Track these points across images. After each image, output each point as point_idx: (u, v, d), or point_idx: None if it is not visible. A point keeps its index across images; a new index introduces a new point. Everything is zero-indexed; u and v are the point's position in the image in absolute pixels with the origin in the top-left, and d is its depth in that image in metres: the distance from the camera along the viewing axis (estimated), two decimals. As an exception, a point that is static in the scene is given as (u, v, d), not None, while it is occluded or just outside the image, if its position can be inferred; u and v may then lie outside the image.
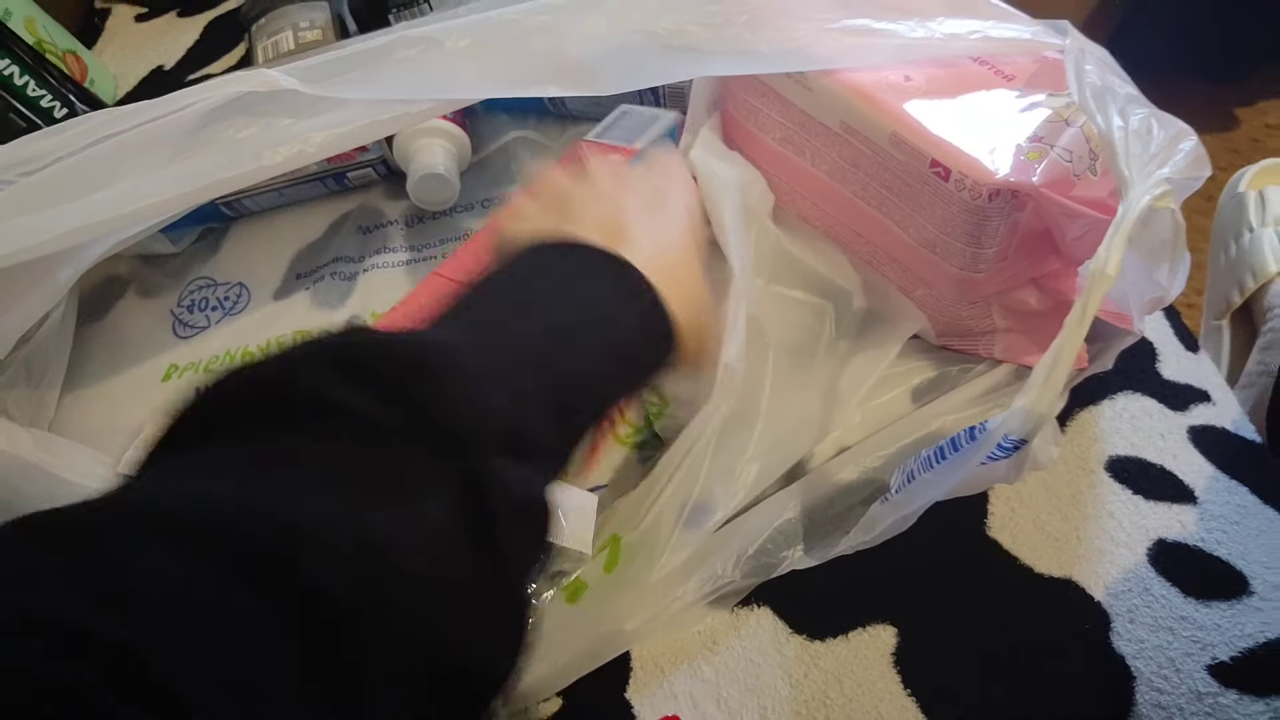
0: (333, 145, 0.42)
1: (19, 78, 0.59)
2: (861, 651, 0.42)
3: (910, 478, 0.39)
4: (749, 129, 0.51)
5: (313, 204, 0.62)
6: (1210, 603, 0.42)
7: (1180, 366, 0.50)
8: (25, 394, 0.51)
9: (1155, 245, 0.36)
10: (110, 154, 0.40)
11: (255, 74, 0.40)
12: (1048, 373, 0.33)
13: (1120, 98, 0.37)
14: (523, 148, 0.62)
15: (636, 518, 0.43)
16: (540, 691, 0.42)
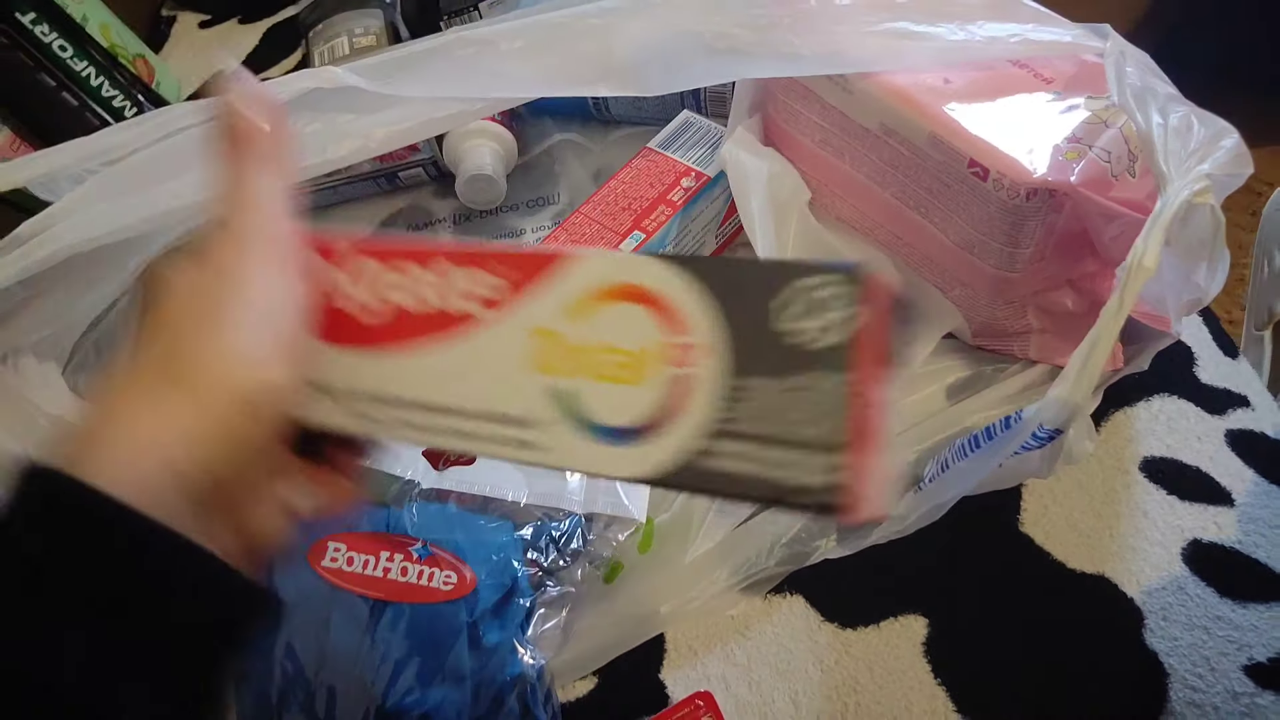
0: (393, 141, 0.44)
1: (95, 79, 0.62)
2: (893, 640, 0.43)
3: (944, 466, 0.39)
4: (789, 132, 0.52)
5: (365, 202, 0.64)
6: (1247, 604, 0.42)
7: (1218, 371, 0.50)
8: (94, 376, 0.53)
9: (1194, 243, 0.36)
10: (183, 146, 0.42)
11: (321, 71, 0.43)
12: (1083, 362, 0.33)
13: (1160, 97, 0.38)
14: (567, 150, 0.64)
15: (669, 499, 0.44)
16: (576, 670, 0.43)
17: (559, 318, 0.21)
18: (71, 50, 0.60)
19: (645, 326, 0.20)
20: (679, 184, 0.51)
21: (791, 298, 0.19)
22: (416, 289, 0.22)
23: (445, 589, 0.42)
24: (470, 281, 0.22)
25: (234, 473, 0.23)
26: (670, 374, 0.20)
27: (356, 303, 0.24)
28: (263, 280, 0.24)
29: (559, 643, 0.42)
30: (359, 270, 0.23)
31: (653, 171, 0.52)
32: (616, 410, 0.20)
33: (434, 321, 0.22)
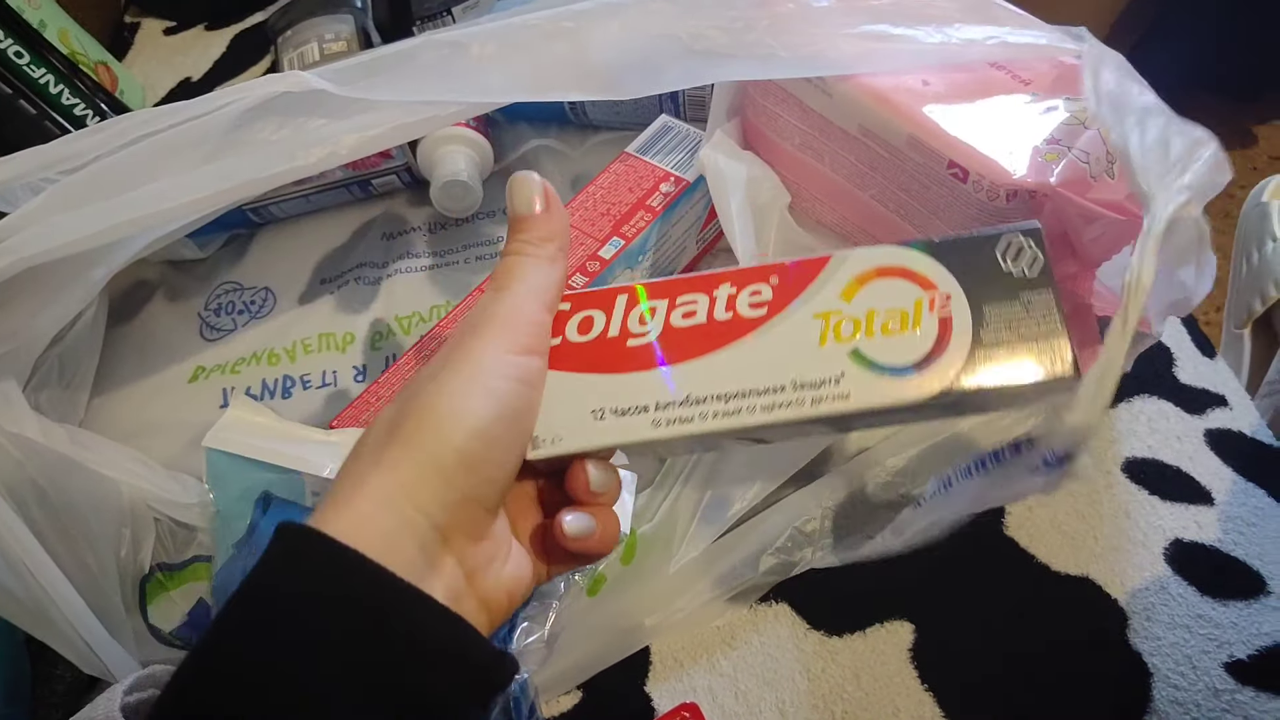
0: (363, 147, 0.43)
1: (54, 86, 0.60)
2: (879, 647, 0.42)
3: (946, 484, 0.39)
4: (768, 135, 0.52)
5: (338, 211, 0.63)
6: (1228, 602, 0.42)
7: (1197, 371, 0.50)
8: (57, 394, 0.52)
9: (1178, 250, 0.36)
10: (147, 153, 0.41)
11: (288, 76, 0.41)
12: (1095, 385, 0.33)
13: (1137, 108, 0.37)
14: (544, 156, 0.63)
15: (651, 510, 0.44)
16: (561, 685, 0.42)
17: (834, 301, 0.27)
18: (28, 57, 0.58)
19: (906, 290, 0.27)
20: (658, 189, 0.50)
21: (1005, 248, 0.28)
22: (708, 309, 0.27)
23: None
24: (753, 294, 0.27)
25: (459, 520, 0.25)
26: (934, 318, 0.27)
27: (654, 332, 0.28)
28: (488, 357, 0.26)
29: (543, 656, 0.42)
30: (652, 309, 0.27)
31: (631, 177, 0.51)
32: (902, 353, 0.27)
33: (733, 328, 0.27)
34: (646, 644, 0.43)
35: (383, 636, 0.22)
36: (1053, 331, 0.28)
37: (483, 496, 0.25)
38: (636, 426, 0.27)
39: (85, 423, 0.54)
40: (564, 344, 0.28)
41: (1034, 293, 0.28)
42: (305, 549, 0.23)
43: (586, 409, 0.27)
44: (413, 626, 0.23)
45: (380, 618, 0.22)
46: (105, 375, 0.56)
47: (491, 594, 0.26)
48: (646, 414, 0.27)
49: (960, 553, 0.44)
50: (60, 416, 0.51)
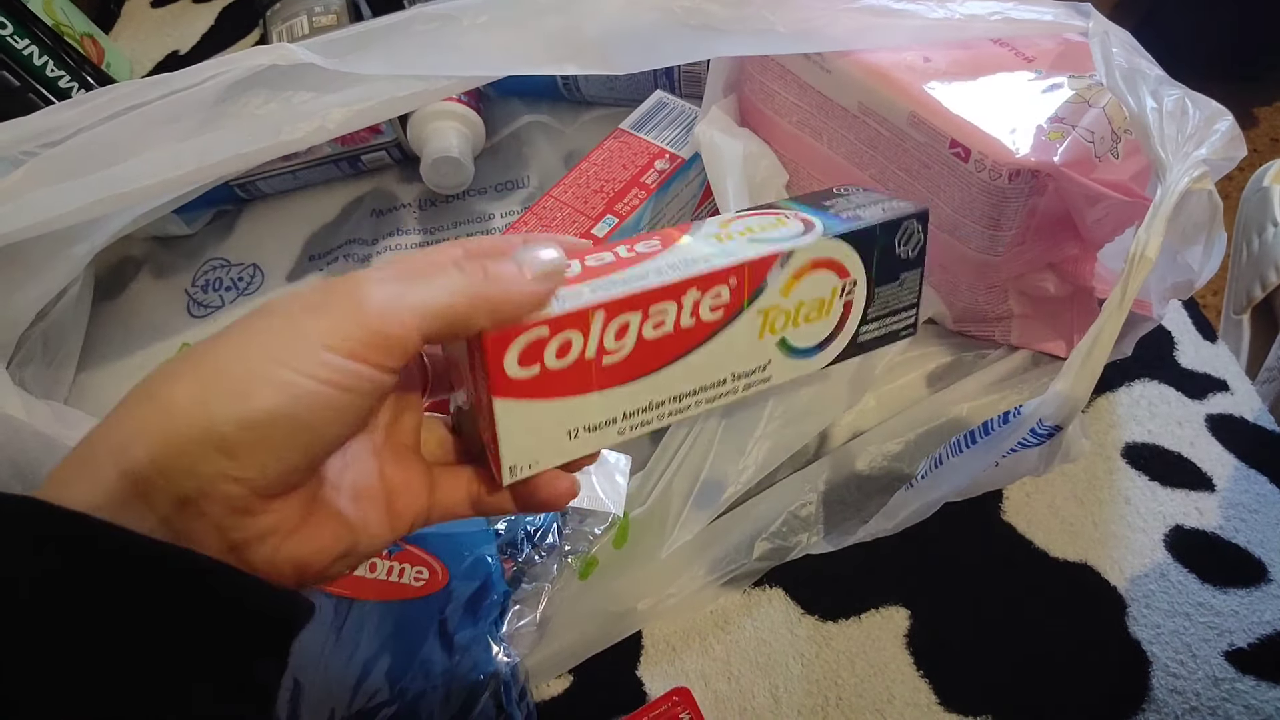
0: (352, 122, 0.42)
1: (38, 58, 0.59)
2: (874, 633, 0.42)
3: (938, 462, 0.38)
4: (766, 113, 0.51)
5: (327, 187, 0.62)
6: (1228, 589, 0.42)
7: (1198, 355, 0.50)
8: (41, 370, 0.51)
9: (1189, 227, 0.36)
10: (132, 127, 0.40)
11: (275, 48, 0.40)
12: (1084, 356, 0.32)
13: (1151, 79, 0.37)
14: (536, 132, 0.62)
15: (643, 493, 0.43)
16: (552, 669, 0.42)
17: (776, 297, 0.28)
18: (12, 28, 0.57)
19: (828, 280, 0.29)
20: (653, 166, 0.49)
21: (905, 234, 0.30)
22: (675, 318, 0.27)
23: (416, 585, 0.41)
24: (714, 297, 0.27)
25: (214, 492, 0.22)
26: (840, 303, 0.30)
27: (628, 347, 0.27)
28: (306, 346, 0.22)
29: (534, 640, 0.41)
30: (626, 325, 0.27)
31: (625, 153, 0.50)
32: (813, 336, 0.30)
33: (694, 333, 0.28)
34: (638, 628, 0.42)
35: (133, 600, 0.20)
36: (911, 302, 0.31)
37: (251, 480, 0.22)
38: (604, 438, 0.28)
39: (70, 400, 0.53)
40: (541, 373, 0.26)
41: (910, 271, 0.31)
42: (25, 523, 0.20)
43: (561, 431, 0.27)
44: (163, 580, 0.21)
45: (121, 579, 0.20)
46: (91, 352, 0.55)
47: (264, 568, 0.23)
48: (614, 425, 0.28)
49: (957, 538, 0.44)
50: (45, 393, 0.50)
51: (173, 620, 0.21)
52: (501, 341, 0.25)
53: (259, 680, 0.23)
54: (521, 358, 0.26)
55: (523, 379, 0.26)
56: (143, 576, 0.21)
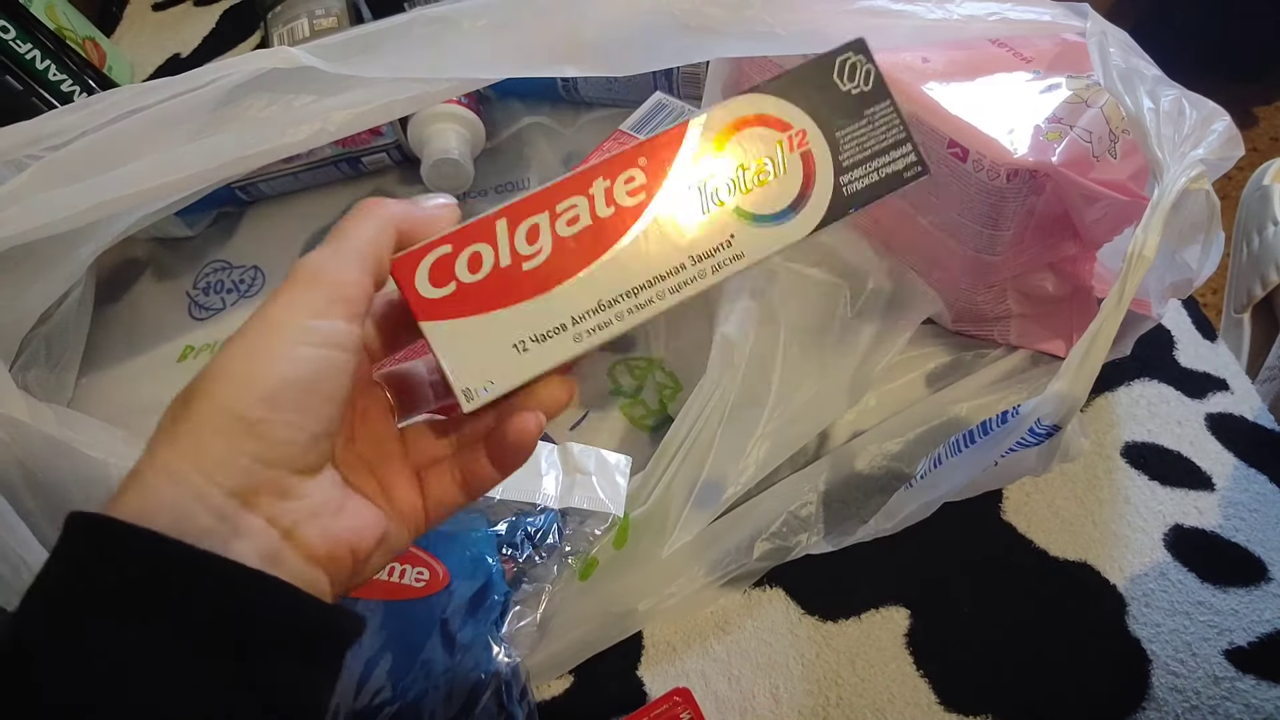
0: (352, 124, 0.42)
1: (40, 62, 0.59)
2: (874, 632, 0.42)
3: (936, 462, 0.38)
4: (765, 113, 0.51)
5: (328, 188, 0.62)
6: (1228, 588, 0.42)
7: (1198, 355, 0.50)
8: (45, 373, 0.51)
9: (1186, 227, 0.36)
10: (134, 129, 0.40)
11: (277, 51, 0.41)
12: (1082, 356, 0.32)
13: (1148, 79, 0.37)
14: (537, 134, 0.62)
15: (644, 494, 0.43)
16: (553, 669, 0.42)
17: (705, 166, 0.28)
18: (14, 32, 0.57)
19: (766, 136, 0.28)
20: (652, 168, 0.50)
21: (841, 69, 0.29)
22: (589, 209, 0.27)
23: (417, 585, 0.41)
24: (626, 181, 0.27)
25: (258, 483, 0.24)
26: (795, 157, 0.28)
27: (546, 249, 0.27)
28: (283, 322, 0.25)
29: (535, 640, 0.41)
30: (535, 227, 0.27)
31: (625, 155, 0.50)
32: (777, 199, 0.28)
33: (620, 221, 0.27)
34: (639, 629, 0.43)
35: (185, 610, 0.22)
36: (899, 139, 0.29)
37: (281, 458, 0.24)
38: (560, 347, 0.27)
39: (73, 403, 0.53)
40: (459, 289, 0.27)
41: (875, 106, 0.29)
42: (89, 539, 0.22)
43: (506, 345, 0.27)
44: (216, 593, 0.22)
45: (178, 591, 0.22)
46: (93, 355, 0.55)
47: (320, 549, 0.25)
48: (565, 332, 0.27)
49: (957, 537, 0.44)
50: (48, 396, 0.51)
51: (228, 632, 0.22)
52: (407, 265, 0.27)
53: (312, 692, 0.24)
54: (432, 277, 0.27)
55: (441, 298, 0.27)
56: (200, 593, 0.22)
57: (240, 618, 0.23)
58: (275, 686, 0.23)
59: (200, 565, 0.22)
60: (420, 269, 0.27)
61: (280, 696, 0.23)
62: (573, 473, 0.44)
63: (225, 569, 0.23)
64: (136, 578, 0.22)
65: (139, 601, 0.22)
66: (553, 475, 0.43)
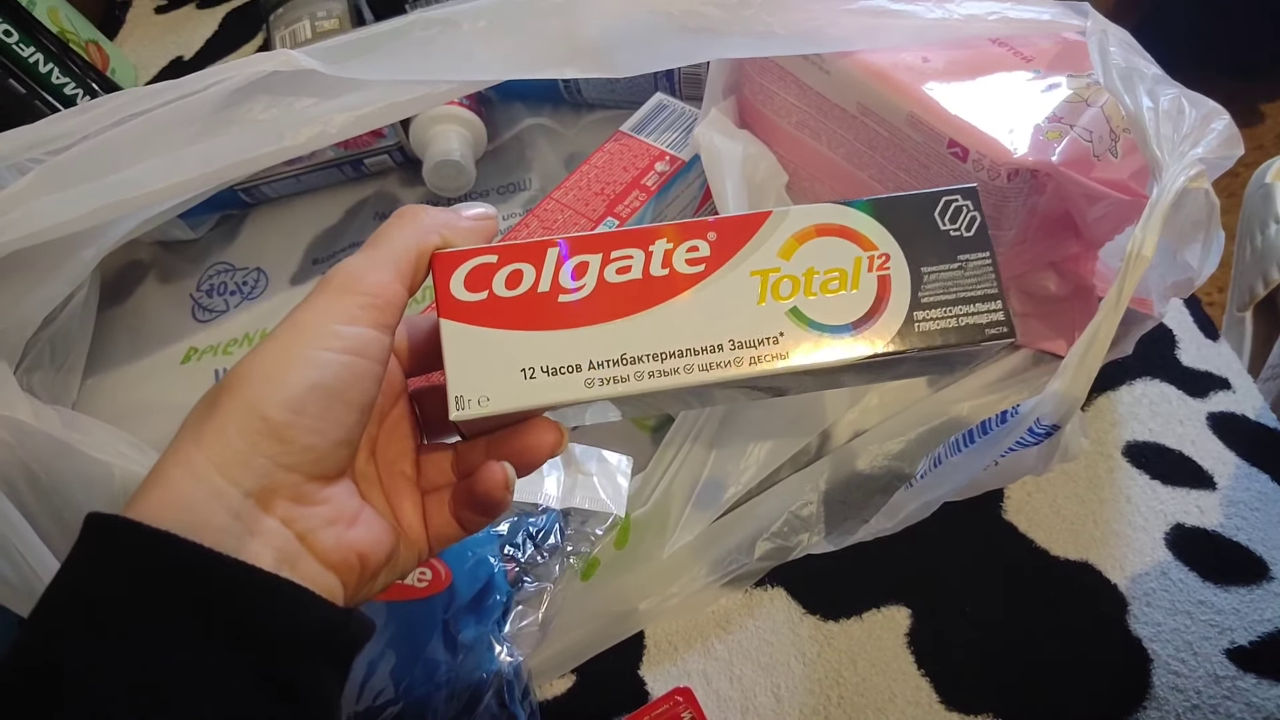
0: (353, 127, 0.42)
1: (44, 65, 0.59)
2: (875, 632, 0.42)
3: (936, 462, 0.38)
4: (765, 114, 0.51)
5: (330, 191, 0.62)
6: (1229, 587, 0.42)
7: (1200, 354, 0.50)
8: (49, 375, 0.51)
9: (1186, 226, 0.36)
10: (135, 133, 0.40)
11: (277, 55, 0.41)
12: (1081, 355, 0.32)
13: (1148, 78, 0.37)
14: (538, 135, 0.62)
15: (645, 493, 0.43)
16: (555, 669, 0.42)
17: (773, 258, 0.27)
18: (17, 35, 0.57)
19: (845, 249, 0.28)
20: (653, 168, 0.50)
21: (945, 209, 0.28)
22: (644, 265, 0.27)
23: (419, 585, 0.41)
24: (690, 249, 0.27)
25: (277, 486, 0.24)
26: (872, 278, 0.28)
27: (588, 287, 0.27)
28: (311, 326, 0.25)
29: (537, 640, 0.41)
30: (584, 264, 0.27)
31: (626, 156, 0.50)
32: (840, 312, 0.28)
33: (669, 285, 0.27)
34: (641, 629, 0.43)
35: (201, 611, 0.22)
36: (989, 293, 0.28)
37: (301, 463, 0.25)
38: (568, 386, 0.27)
39: (77, 405, 0.53)
40: (490, 299, 0.27)
41: (971, 254, 0.28)
42: (107, 539, 0.23)
43: (515, 368, 0.27)
44: (230, 595, 0.23)
45: (194, 593, 0.22)
46: (97, 357, 0.55)
47: (334, 555, 0.25)
48: (579, 373, 0.27)
49: (958, 537, 0.44)
50: (52, 398, 0.51)
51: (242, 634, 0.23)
52: (449, 262, 0.27)
53: (324, 693, 0.25)
54: (469, 281, 0.27)
55: (469, 302, 0.27)
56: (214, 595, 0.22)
57: (255, 620, 0.23)
58: (292, 687, 0.23)
59: (214, 567, 0.23)
60: (460, 270, 0.27)
61: (297, 697, 0.23)
62: (574, 473, 0.44)
63: (238, 571, 0.23)
64: (153, 580, 0.22)
65: (157, 603, 0.22)
66: (554, 475, 0.44)
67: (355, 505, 0.27)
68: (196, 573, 0.22)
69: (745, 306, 0.27)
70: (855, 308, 0.28)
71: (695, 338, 0.27)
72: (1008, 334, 0.28)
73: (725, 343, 0.27)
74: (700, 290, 0.27)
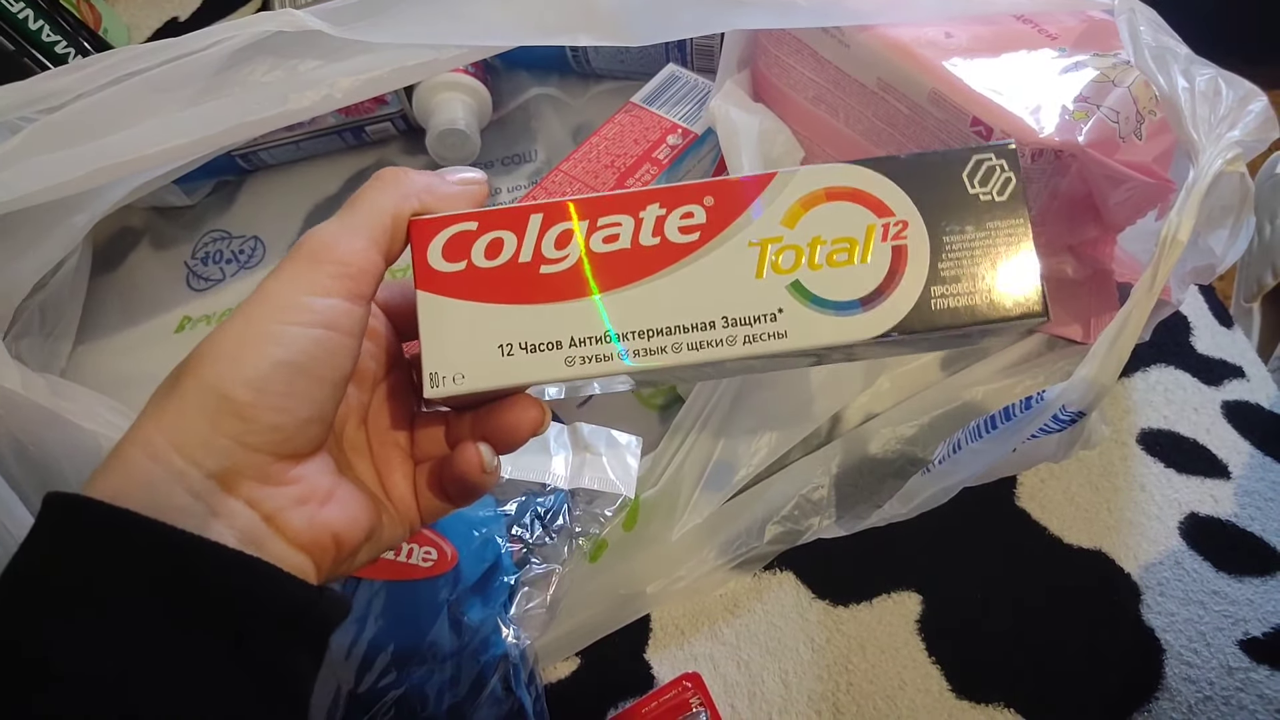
0: (360, 91, 0.41)
1: (33, 22, 0.57)
2: (885, 618, 0.42)
3: (956, 448, 0.38)
4: (780, 87, 0.50)
5: (329, 158, 0.60)
6: (1243, 578, 0.41)
7: (1214, 341, 0.49)
8: (38, 342, 0.50)
9: (1216, 210, 0.35)
10: (133, 93, 0.39)
11: (281, 14, 0.39)
12: (1112, 341, 0.32)
13: (1181, 58, 0.36)
14: (544, 105, 0.61)
15: (654, 475, 0.42)
16: (560, 651, 0.41)
17: (775, 226, 0.25)
18: (6, -11, 0.56)
19: (857, 215, 0.25)
20: (665, 141, 0.48)
21: (976, 169, 0.25)
22: (633, 233, 0.25)
23: (425, 565, 0.40)
24: (684, 216, 0.25)
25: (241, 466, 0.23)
26: (886, 248, 0.25)
27: (572, 257, 0.25)
28: (279, 298, 0.24)
29: (544, 622, 0.41)
30: (568, 233, 0.25)
31: (637, 128, 0.49)
32: (848, 287, 0.25)
33: (660, 255, 0.25)
34: (647, 612, 0.42)
35: (160, 589, 0.21)
36: (1022, 263, 0.25)
37: (268, 444, 0.23)
38: (548, 364, 0.25)
39: (67, 373, 0.52)
40: (469, 269, 0.25)
41: (1003, 220, 0.25)
42: (70, 517, 0.22)
43: (493, 343, 0.25)
44: (191, 571, 0.22)
45: (154, 569, 0.21)
46: (88, 325, 0.54)
47: (305, 535, 0.24)
48: (559, 350, 0.25)
49: (970, 523, 0.43)
50: (41, 366, 0.50)
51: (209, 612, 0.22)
52: (426, 230, 0.25)
53: (297, 673, 0.24)
54: (446, 250, 0.25)
55: (448, 273, 0.25)
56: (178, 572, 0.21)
57: (220, 597, 0.22)
58: (260, 665, 0.22)
59: (175, 543, 0.21)
60: (438, 238, 0.25)
61: (267, 675, 0.22)
62: (582, 452, 0.43)
63: (201, 547, 0.22)
64: (114, 558, 0.21)
65: (119, 581, 0.21)
66: (562, 455, 0.43)
67: (329, 483, 0.25)
68: (157, 551, 0.21)
69: (742, 280, 0.25)
70: (865, 282, 0.25)
71: (686, 314, 0.25)
72: (1039, 313, 0.25)
73: (718, 320, 0.25)
74: (693, 262, 0.25)
